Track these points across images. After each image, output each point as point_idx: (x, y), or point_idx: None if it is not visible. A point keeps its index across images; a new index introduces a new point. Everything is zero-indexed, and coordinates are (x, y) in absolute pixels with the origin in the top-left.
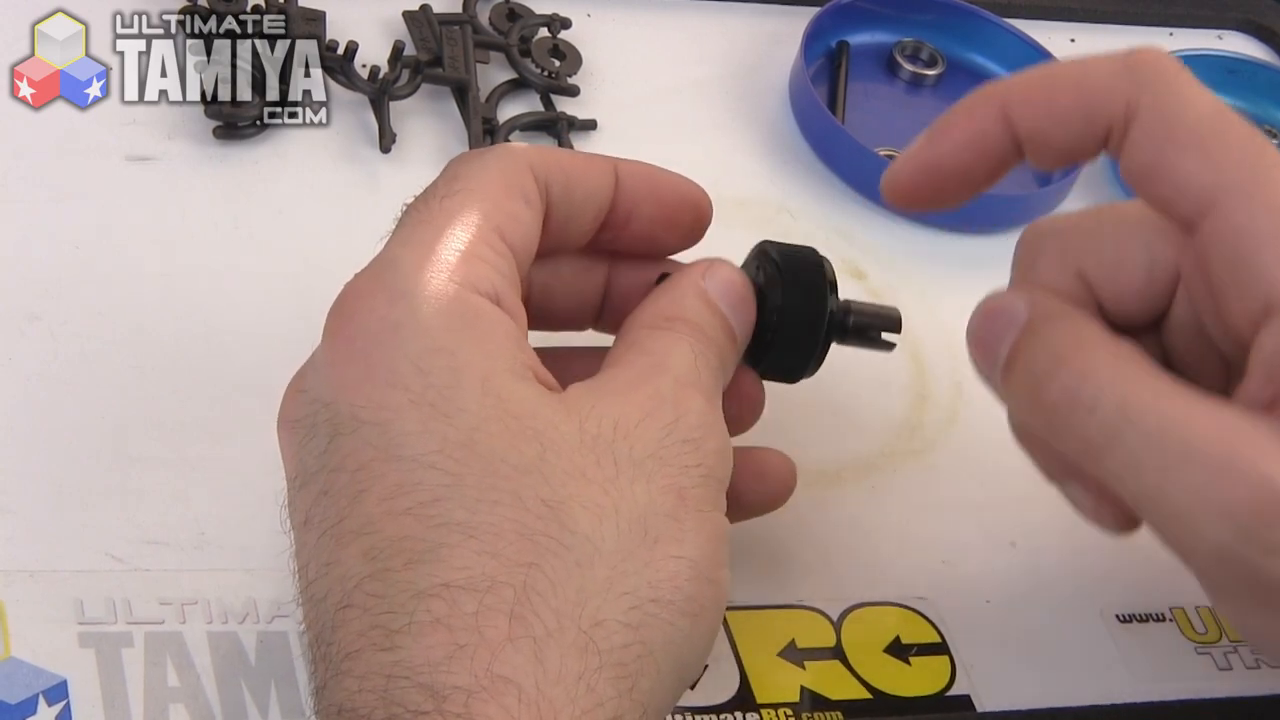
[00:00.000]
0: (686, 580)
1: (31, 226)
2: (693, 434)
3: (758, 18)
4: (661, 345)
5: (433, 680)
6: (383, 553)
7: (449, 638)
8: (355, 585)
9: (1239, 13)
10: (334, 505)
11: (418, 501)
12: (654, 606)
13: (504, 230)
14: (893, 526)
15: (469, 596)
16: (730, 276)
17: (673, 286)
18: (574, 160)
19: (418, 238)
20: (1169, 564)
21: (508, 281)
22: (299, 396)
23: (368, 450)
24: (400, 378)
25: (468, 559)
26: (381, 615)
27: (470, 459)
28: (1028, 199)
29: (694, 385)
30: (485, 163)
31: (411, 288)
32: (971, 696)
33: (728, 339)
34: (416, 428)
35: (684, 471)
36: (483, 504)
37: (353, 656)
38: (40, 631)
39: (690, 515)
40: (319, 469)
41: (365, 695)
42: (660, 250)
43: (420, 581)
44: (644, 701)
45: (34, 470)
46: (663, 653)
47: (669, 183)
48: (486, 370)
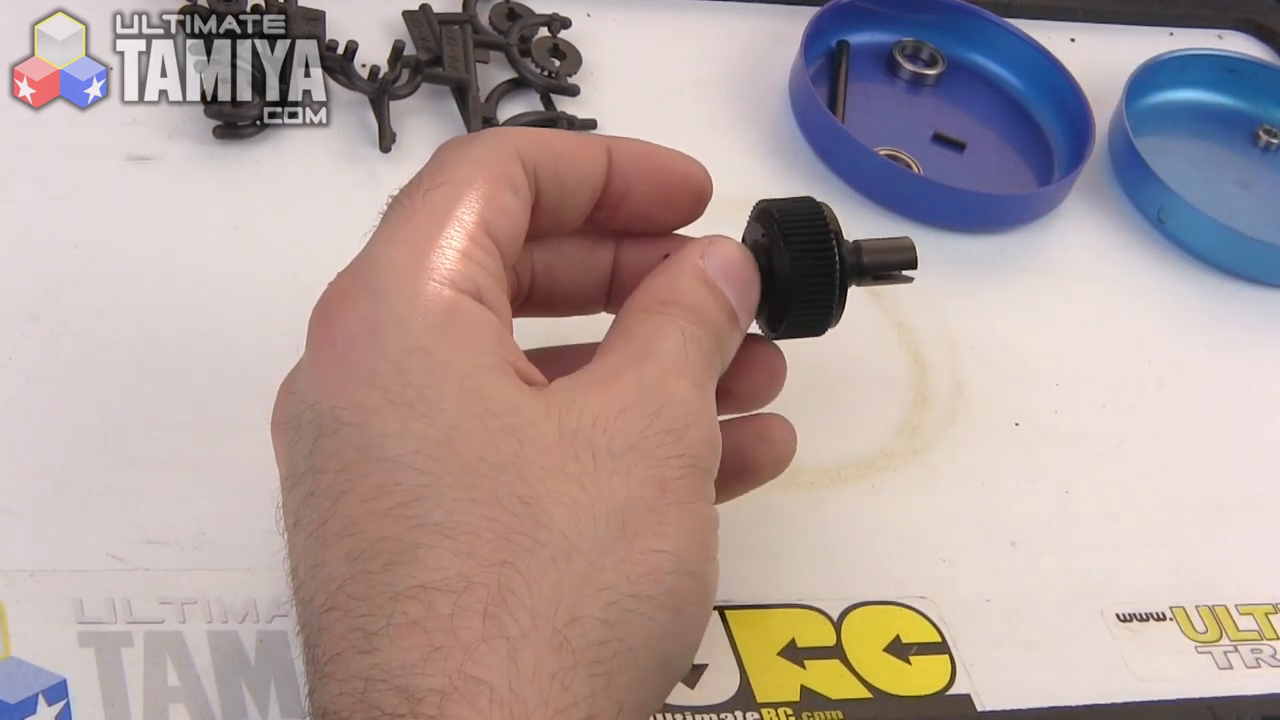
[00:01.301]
0: (667, 574)
1: (31, 226)
2: (676, 423)
3: (758, 18)
4: (650, 331)
5: (408, 683)
6: (363, 554)
7: (425, 639)
8: (338, 587)
9: (1239, 13)
10: (319, 507)
11: (397, 502)
12: (633, 602)
13: (489, 223)
14: (893, 526)
15: (445, 598)
16: (729, 254)
17: (669, 267)
18: (565, 141)
19: (400, 235)
20: (1169, 564)
21: (491, 276)
22: (289, 398)
23: (349, 451)
24: (379, 378)
25: (444, 559)
26: (361, 618)
27: (448, 458)
28: (1028, 199)
29: (680, 372)
30: (471, 153)
31: (391, 287)
32: (971, 696)
33: (727, 319)
34: (395, 428)
35: (665, 462)
36: (460, 503)
37: (335, 660)
38: (40, 631)
39: (672, 507)
40: (305, 470)
41: (345, 699)
42: (661, 227)
43: (398, 583)
44: (620, 699)
45: (34, 470)
46: (643, 649)
47: (665, 159)
48: (466, 368)
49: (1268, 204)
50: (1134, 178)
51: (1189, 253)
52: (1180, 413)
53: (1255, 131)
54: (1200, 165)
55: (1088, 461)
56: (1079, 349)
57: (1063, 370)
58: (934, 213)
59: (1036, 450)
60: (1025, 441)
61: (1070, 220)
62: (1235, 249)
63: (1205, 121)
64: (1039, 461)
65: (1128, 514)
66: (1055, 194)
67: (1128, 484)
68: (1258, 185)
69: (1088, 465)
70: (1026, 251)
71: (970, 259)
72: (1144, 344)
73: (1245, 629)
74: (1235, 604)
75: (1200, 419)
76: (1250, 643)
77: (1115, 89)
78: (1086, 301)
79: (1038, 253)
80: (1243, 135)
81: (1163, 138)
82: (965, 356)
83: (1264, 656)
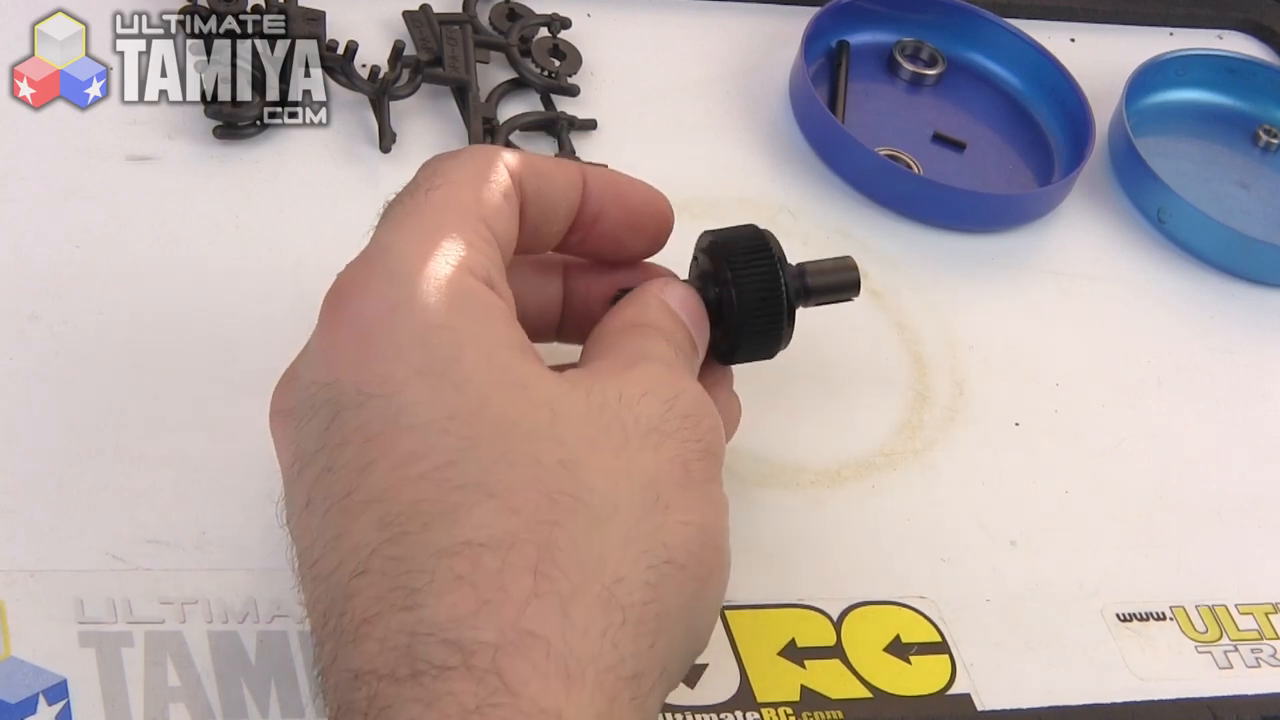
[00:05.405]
0: (696, 545)
1: (31, 226)
2: (690, 410)
3: (758, 18)
4: (636, 343)
5: (459, 636)
6: (398, 518)
7: (474, 594)
8: (371, 552)
9: (1239, 13)
10: (339, 480)
11: (433, 466)
12: (669, 568)
13: (488, 219)
14: (893, 526)
15: (491, 554)
16: (684, 293)
17: (636, 298)
18: (544, 161)
19: (409, 225)
20: (1169, 564)
21: (495, 266)
22: (291, 385)
23: (376, 422)
24: (404, 352)
25: (488, 518)
26: (401, 576)
27: (483, 424)
28: (1028, 199)
29: (681, 369)
30: (463, 160)
31: (407, 270)
32: (971, 695)
33: (691, 348)
34: (426, 397)
35: (685, 445)
36: (499, 465)
37: (370, 621)
38: (40, 631)
39: (695, 485)
40: (319, 448)
41: (387, 655)
42: (626, 254)
43: (441, 540)
44: (662, 660)
45: (34, 470)
46: (678, 614)
47: (634, 189)
48: (491, 344)
49: (1268, 204)
50: (1134, 178)
51: (1189, 253)
52: (1180, 413)
53: (1255, 131)
54: (1200, 165)
55: (1088, 461)
56: (1079, 349)
57: (1063, 370)
58: (934, 213)
59: (1036, 450)
60: (1025, 441)
61: (1070, 220)
62: (1235, 249)
63: (1205, 121)
64: (1039, 461)
65: (1128, 514)
66: (1055, 194)
67: (1128, 484)
68: (1258, 185)
69: (1088, 465)
70: (1026, 251)
71: (970, 259)
72: (1144, 344)
73: (1245, 629)
74: (1235, 604)
75: (1200, 419)
76: (1250, 643)
77: (1115, 89)
78: (1086, 301)
79: (1038, 253)
80: (1243, 135)
81: (1163, 138)
82: (965, 356)
83: (1264, 656)
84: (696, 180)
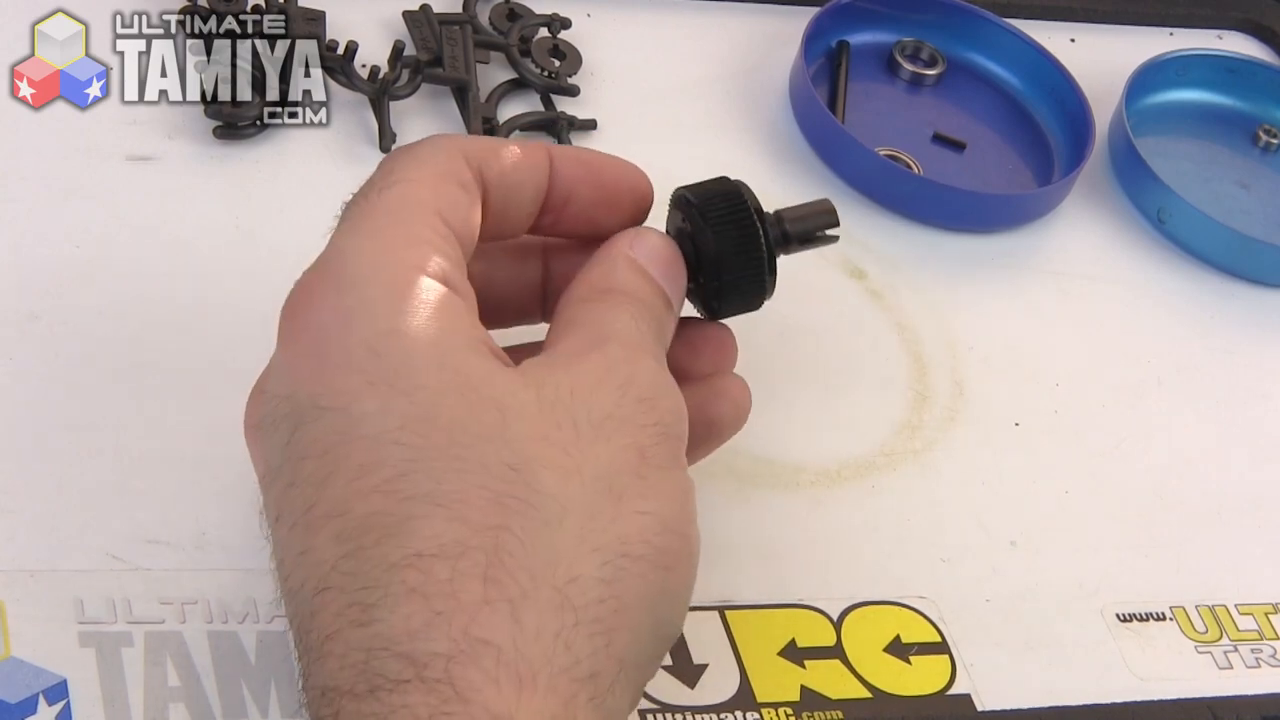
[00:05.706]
0: (655, 534)
1: (31, 226)
2: (646, 393)
3: (758, 18)
4: (598, 316)
5: (412, 649)
6: (354, 532)
7: (425, 605)
8: (330, 568)
9: (1239, 13)
10: (301, 495)
11: (383, 478)
12: (625, 561)
13: (444, 214)
14: (893, 526)
15: (442, 564)
16: (654, 242)
17: (602, 259)
18: (506, 146)
19: (363, 228)
20: (1169, 564)
21: (453, 262)
22: (259, 398)
23: (331, 435)
24: (356, 361)
25: (438, 527)
26: (357, 592)
27: (432, 432)
28: (1028, 199)
29: (639, 348)
30: (418, 154)
31: (359, 275)
32: (971, 696)
33: (663, 304)
34: (376, 407)
35: (642, 430)
36: (449, 473)
37: (332, 637)
38: (40, 631)
39: (653, 472)
40: (283, 462)
41: (345, 672)
42: (604, 233)
43: (393, 554)
44: (620, 656)
45: (34, 470)
46: (638, 607)
47: (606, 166)
48: (442, 347)
49: (1268, 204)
50: (1134, 178)
51: (1189, 253)
52: (1180, 413)
53: (1255, 131)
54: (1200, 165)
55: (1088, 461)
56: (1079, 349)
57: (1063, 370)
58: (934, 213)
59: (1036, 450)
60: (1025, 441)
61: (1070, 220)
62: (1235, 249)
63: (1205, 121)
64: (1039, 461)
65: (1128, 514)
66: (1055, 194)
67: (1128, 484)
68: (1258, 185)
69: (1088, 465)
70: (1026, 251)
71: (970, 259)
72: (1144, 344)
73: (1245, 629)
74: (1235, 604)
75: (1200, 419)
76: (1250, 643)
77: (1115, 89)
78: (1086, 301)
79: (1038, 253)
80: (1243, 135)
81: (1163, 138)
82: (965, 356)
83: (1264, 656)
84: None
